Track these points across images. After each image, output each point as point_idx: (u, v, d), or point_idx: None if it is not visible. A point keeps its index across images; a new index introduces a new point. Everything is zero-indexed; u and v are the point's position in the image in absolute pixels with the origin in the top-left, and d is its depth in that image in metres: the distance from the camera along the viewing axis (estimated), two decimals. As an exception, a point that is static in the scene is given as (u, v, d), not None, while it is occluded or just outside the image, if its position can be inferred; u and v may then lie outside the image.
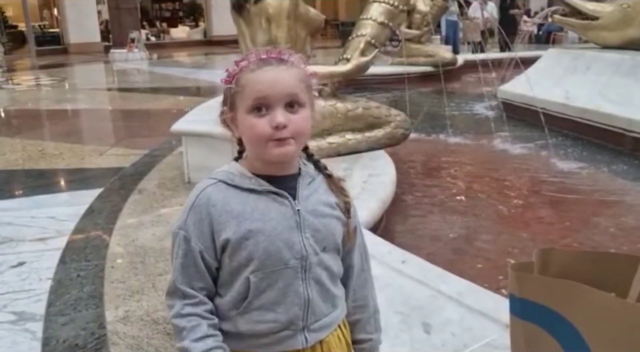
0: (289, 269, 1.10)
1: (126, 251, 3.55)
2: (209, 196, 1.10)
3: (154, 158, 5.75)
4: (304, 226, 1.11)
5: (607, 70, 5.29)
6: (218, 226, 1.08)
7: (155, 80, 13.25)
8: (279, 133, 1.05)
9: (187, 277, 1.11)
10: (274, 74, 1.08)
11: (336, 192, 1.17)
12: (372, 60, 3.91)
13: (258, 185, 1.10)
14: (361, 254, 1.24)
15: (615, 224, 3.16)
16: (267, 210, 1.09)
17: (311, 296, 1.11)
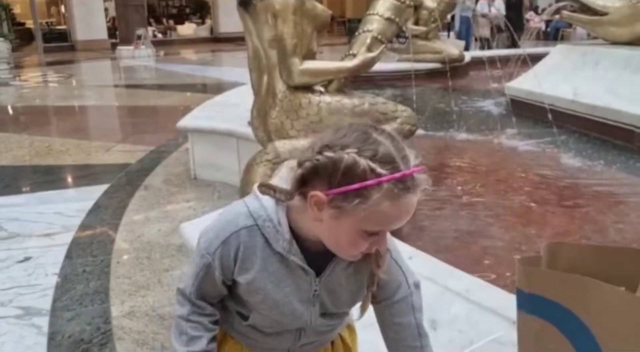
0: (285, 328, 1.15)
1: (132, 247, 3.56)
2: (241, 241, 1.05)
3: (160, 154, 5.77)
4: (315, 301, 1.11)
5: (616, 66, 5.24)
6: (240, 268, 1.06)
7: (161, 77, 13.28)
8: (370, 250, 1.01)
9: (201, 293, 1.12)
10: (409, 208, 0.95)
11: (373, 265, 1.09)
12: (379, 56, 3.88)
13: (288, 253, 1.04)
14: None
15: (624, 221, 3.13)
16: (286, 278, 1.07)
17: (303, 339, 1.17)
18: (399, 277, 1.19)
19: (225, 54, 18.31)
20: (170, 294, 2.93)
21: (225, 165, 4.64)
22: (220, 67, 14.69)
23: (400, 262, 1.19)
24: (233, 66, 13.58)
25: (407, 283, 1.20)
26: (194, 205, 4.26)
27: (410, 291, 1.20)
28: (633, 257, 1.05)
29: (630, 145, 4.48)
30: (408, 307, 1.20)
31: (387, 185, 0.91)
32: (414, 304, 1.21)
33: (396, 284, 1.18)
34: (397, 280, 1.19)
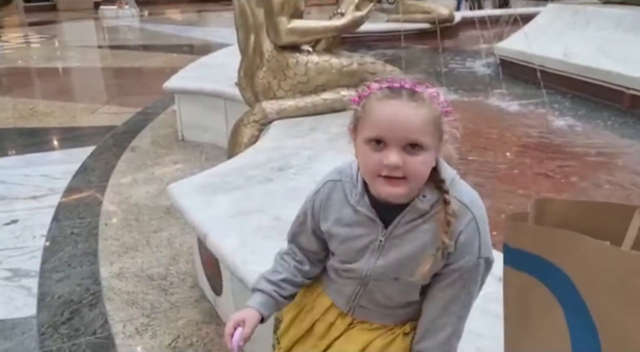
0: (351, 274, 1.21)
1: (120, 209, 3.54)
2: (326, 191, 1.21)
3: (146, 116, 5.70)
4: (380, 253, 1.16)
5: (607, 26, 5.19)
6: (322, 216, 1.21)
7: (147, 38, 13.02)
8: (389, 171, 1.04)
9: (294, 238, 1.30)
10: (398, 110, 1.03)
11: (441, 225, 1.10)
12: (368, 14, 3.82)
13: (358, 204, 1.15)
14: (454, 296, 1.18)
15: (610, 180, 3.15)
16: (357, 228, 1.16)
17: (361, 295, 1.23)
18: (473, 246, 1.13)
19: (212, 14, 17.95)
20: (159, 255, 2.93)
21: (212, 126, 4.60)
22: (207, 28, 14.41)
23: (482, 231, 1.14)
24: (220, 26, 13.33)
25: (478, 253, 1.14)
26: (182, 166, 4.23)
27: (478, 262, 1.14)
28: (618, 212, 1.05)
29: (620, 106, 4.47)
30: (469, 275, 1.15)
31: (378, 92, 1.06)
32: (477, 277, 1.16)
33: (467, 251, 1.12)
34: (470, 247, 1.12)
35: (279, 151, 3.00)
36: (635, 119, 4.21)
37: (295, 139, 3.20)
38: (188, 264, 2.82)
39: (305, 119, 3.55)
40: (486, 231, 1.16)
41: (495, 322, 1.43)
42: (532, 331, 1.12)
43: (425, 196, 1.11)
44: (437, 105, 1.06)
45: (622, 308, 0.96)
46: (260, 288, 1.29)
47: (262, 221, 2.17)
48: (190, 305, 2.50)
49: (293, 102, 3.58)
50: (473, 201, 1.15)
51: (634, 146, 3.74)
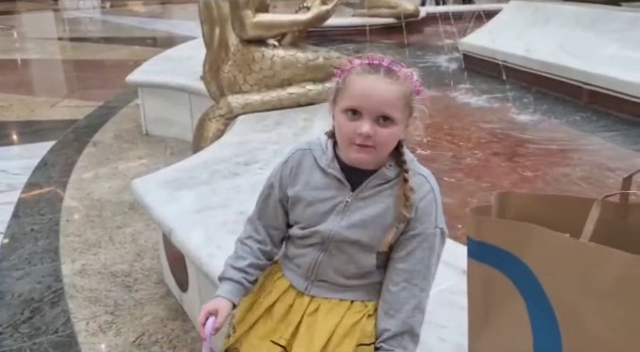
0: (314, 237, 1.27)
1: (82, 205, 3.47)
2: (295, 159, 1.29)
3: (109, 110, 5.60)
4: (344, 215, 1.23)
5: (567, 23, 5.31)
6: (292, 182, 1.28)
7: (108, 30, 12.75)
8: (362, 140, 1.14)
9: (261, 214, 1.35)
10: (375, 84, 1.14)
11: (400, 199, 1.20)
12: (333, 9, 3.82)
13: (329, 167, 1.24)
14: (415, 269, 1.24)
15: (570, 173, 3.23)
16: (325, 189, 1.24)
17: (321, 261, 1.27)
18: (431, 214, 1.22)
19: (176, 7, 17.68)
20: (123, 252, 2.89)
21: (177, 120, 4.54)
22: (171, 20, 14.19)
23: (438, 203, 1.24)
24: (184, 19, 13.15)
25: (435, 222, 1.23)
26: (146, 161, 4.17)
27: (435, 232, 1.23)
28: (577, 205, 1.08)
29: (579, 101, 4.59)
30: (427, 245, 1.23)
31: (358, 67, 1.16)
32: (434, 247, 1.23)
33: (426, 217, 1.22)
34: (429, 215, 1.22)
35: (244, 146, 2.98)
36: (593, 114, 4.33)
37: (261, 134, 3.19)
38: (153, 260, 2.79)
39: (271, 113, 3.54)
40: (441, 204, 1.26)
41: (458, 314, 1.46)
42: (494, 321, 1.15)
43: (391, 165, 1.22)
44: (409, 83, 1.17)
45: (581, 298, 0.99)
46: (228, 276, 1.32)
47: (227, 216, 2.16)
48: (155, 301, 2.47)
49: (259, 97, 3.56)
50: (429, 174, 1.28)
51: (592, 141, 3.85)
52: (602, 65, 4.50)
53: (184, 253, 2.07)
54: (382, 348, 1.24)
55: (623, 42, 4.65)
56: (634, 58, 4.41)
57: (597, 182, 3.09)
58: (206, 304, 1.28)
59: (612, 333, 0.96)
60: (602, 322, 0.97)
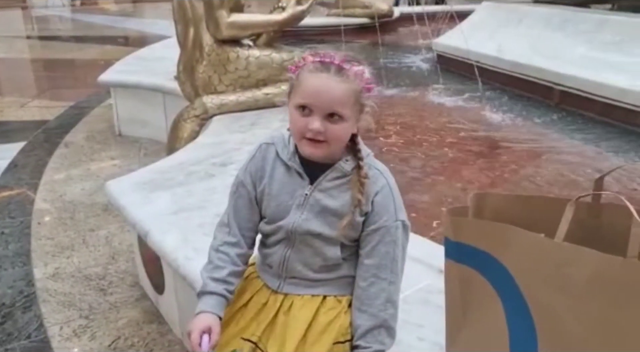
0: (279, 232, 1.29)
1: (54, 207, 3.41)
2: (261, 153, 1.32)
3: (80, 110, 5.51)
4: (304, 208, 1.26)
5: (538, 25, 5.40)
6: (260, 176, 1.30)
7: (79, 29, 12.54)
8: (313, 135, 1.18)
9: (236, 214, 1.34)
10: (324, 83, 1.17)
11: (354, 184, 1.23)
12: (309, 9, 3.83)
13: (291, 162, 1.27)
14: (381, 263, 1.26)
15: (542, 173, 3.29)
16: (287, 183, 1.28)
17: (290, 256, 1.30)
18: (389, 207, 1.24)
19: (149, 5, 17.46)
20: (97, 254, 2.85)
21: (151, 121, 4.49)
22: (143, 19, 14.02)
23: (395, 196, 1.26)
24: (157, 18, 12.99)
25: (395, 215, 1.25)
26: (119, 162, 4.11)
27: (396, 225, 1.25)
28: (552, 205, 1.10)
29: (550, 101, 4.68)
30: (390, 238, 1.25)
31: (311, 64, 1.19)
32: (397, 240, 1.25)
33: (384, 211, 1.24)
34: (386, 208, 1.24)
35: (220, 146, 2.96)
36: (564, 114, 4.41)
37: (237, 134, 3.17)
38: (128, 262, 2.75)
39: (246, 113, 3.52)
40: (399, 197, 1.28)
41: (435, 313, 1.48)
42: (471, 320, 1.17)
43: (347, 159, 1.26)
44: (359, 81, 1.20)
45: (555, 296, 1.01)
46: (210, 290, 1.30)
47: (203, 218, 2.14)
48: (130, 305, 2.44)
49: (234, 97, 3.55)
50: (386, 169, 1.30)
51: (563, 140, 3.92)
52: (572, 66, 4.59)
53: (160, 255, 2.05)
54: (359, 346, 1.25)
55: (592, 44, 4.75)
56: (602, 59, 4.50)
57: (569, 182, 3.15)
58: (195, 323, 1.25)
59: (587, 330, 0.98)
60: (576, 320, 0.99)
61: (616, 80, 4.15)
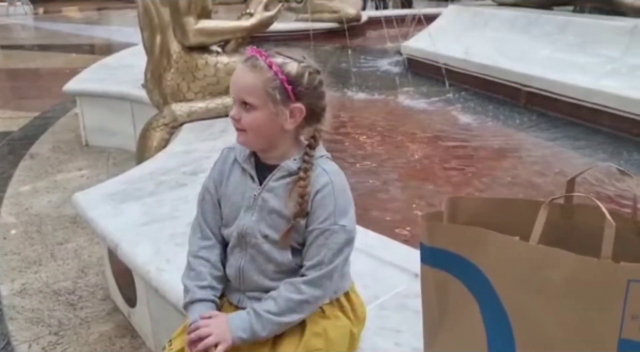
0: (233, 237, 1.31)
1: (19, 220, 3.32)
2: (222, 157, 1.37)
3: (46, 120, 5.39)
4: (254, 209, 1.28)
5: (503, 27, 5.49)
6: (220, 180, 1.34)
7: (43, 37, 12.28)
8: (234, 123, 1.25)
9: (204, 217, 1.35)
10: (238, 72, 1.24)
11: (295, 193, 1.24)
12: (277, 15, 3.81)
13: (246, 164, 1.31)
14: (309, 265, 1.24)
15: (513, 174, 3.33)
16: (241, 185, 1.31)
17: (244, 266, 1.30)
18: (327, 207, 1.23)
19: (114, 12, 17.24)
20: (66, 268, 2.78)
21: (119, 130, 4.42)
22: (109, 26, 13.82)
23: (338, 197, 1.24)
24: (123, 25, 12.82)
25: (334, 218, 1.22)
26: (87, 173, 4.03)
27: (333, 229, 1.22)
28: (525, 208, 1.11)
29: (517, 102, 4.75)
30: (323, 242, 1.22)
31: (243, 58, 1.25)
32: (331, 245, 1.22)
33: (322, 211, 1.23)
34: (325, 208, 1.23)
35: (190, 155, 2.92)
36: (532, 115, 4.48)
37: (207, 142, 3.13)
38: (98, 276, 2.69)
39: (216, 121, 3.48)
40: (345, 201, 1.26)
41: (413, 318, 1.47)
42: (449, 325, 1.16)
43: (296, 159, 1.27)
44: (269, 72, 1.20)
45: (531, 298, 1.01)
46: (200, 298, 1.29)
47: (175, 228, 2.10)
48: (102, 319, 2.38)
49: (203, 104, 3.51)
50: (334, 170, 1.28)
51: (533, 141, 3.98)
52: (537, 67, 4.67)
53: (131, 268, 2.00)
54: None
55: (556, 45, 4.84)
56: (567, 60, 4.60)
57: (537, 182, 3.19)
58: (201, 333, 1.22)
59: (563, 331, 0.99)
60: (552, 321, 1.00)
61: (581, 81, 4.24)
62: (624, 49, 4.30)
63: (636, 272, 0.93)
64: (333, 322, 1.30)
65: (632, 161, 3.48)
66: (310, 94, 1.24)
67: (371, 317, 1.56)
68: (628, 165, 3.37)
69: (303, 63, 1.24)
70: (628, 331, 0.95)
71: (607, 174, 2.92)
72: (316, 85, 1.25)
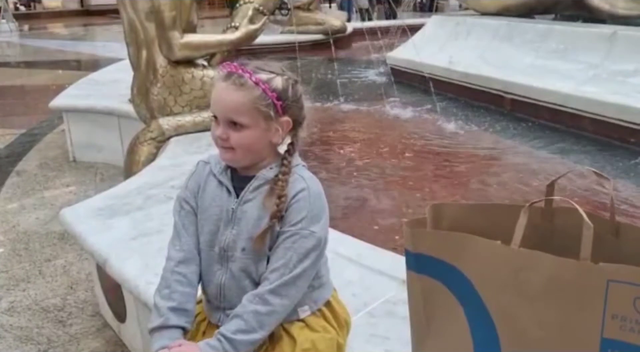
0: (213, 252, 1.29)
1: (7, 238, 3.30)
2: (198, 170, 1.35)
3: (32, 137, 5.37)
4: (234, 223, 1.26)
5: (486, 36, 5.57)
6: (196, 192, 1.32)
7: (28, 54, 12.25)
8: (221, 142, 1.22)
9: (187, 231, 1.31)
10: (221, 92, 1.20)
11: (272, 197, 1.23)
12: (262, 27, 3.84)
13: (222, 177, 1.29)
14: (273, 268, 1.22)
15: (497, 180, 3.37)
16: (217, 198, 1.29)
17: (225, 283, 1.28)
18: (301, 212, 1.22)
19: (99, 28, 17.23)
20: (54, 285, 2.76)
21: (106, 145, 4.41)
22: (95, 42, 13.81)
23: (313, 204, 1.23)
24: (108, 41, 12.82)
25: (306, 224, 1.21)
26: (75, 189, 4.01)
27: (303, 234, 1.21)
28: (506, 212, 1.13)
29: (501, 109, 4.81)
30: (290, 245, 1.21)
31: (219, 74, 1.22)
32: (298, 249, 1.20)
33: (294, 216, 1.22)
34: (298, 212, 1.22)
35: (178, 168, 2.93)
36: (515, 122, 4.54)
37: (195, 155, 3.14)
38: (87, 292, 2.68)
39: (203, 134, 3.49)
40: (319, 207, 1.25)
41: (401, 324, 1.49)
42: (436, 330, 1.18)
43: (272, 167, 1.27)
44: (257, 90, 1.19)
45: (514, 301, 1.03)
46: (172, 325, 1.24)
47: (164, 242, 2.06)
48: (91, 335, 2.37)
49: (190, 118, 3.52)
50: (310, 177, 1.28)
51: (516, 147, 4.03)
52: (520, 74, 4.74)
53: (121, 283, 2.00)
54: None
55: (538, 52, 4.91)
56: (548, 67, 4.67)
57: (522, 188, 3.23)
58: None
59: (545, 332, 1.01)
60: (535, 322, 1.02)
61: (563, 87, 4.31)
62: (604, 55, 4.38)
63: (615, 273, 0.96)
64: (321, 335, 1.30)
65: (614, 165, 3.54)
66: (294, 106, 1.25)
67: (361, 324, 1.58)
68: (610, 169, 3.42)
69: (285, 76, 1.24)
70: (609, 331, 0.97)
71: (591, 179, 2.96)
72: (299, 97, 1.26)
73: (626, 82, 4.07)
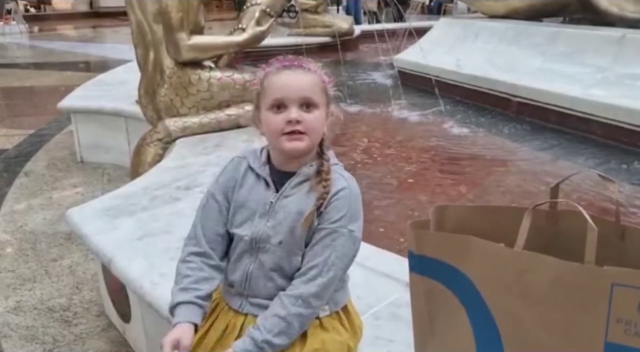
0: (243, 242, 1.30)
1: (14, 238, 3.32)
2: (233, 165, 1.36)
3: (41, 138, 5.40)
4: (269, 216, 1.28)
5: (493, 39, 5.55)
6: (230, 186, 1.33)
7: (38, 55, 12.32)
8: (292, 127, 1.22)
9: (203, 224, 1.34)
10: (292, 77, 1.25)
11: (313, 194, 1.25)
12: (269, 29, 3.85)
13: (261, 171, 1.32)
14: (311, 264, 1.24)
15: (504, 183, 3.35)
16: (255, 192, 1.31)
17: (252, 272, 1.30)
18: (341, 210, 1.24)
19: (108, 30, 17.33)
20: (60, 285, 2.78)
21: (114, 146, 4.43)
22: (103, 44, 13.89)
23: (352, 204, 1.26)
24: (117, 43, 12.88)
25: (344, 222, 1.24)
26: (82, 190, 4.03)
27: (342, 232, 1.23)
28: (510, 215, 1.12)
29: (508, 112, 4.79)
30: (328, 242, 1.23)
31: (274, 69, 1.27)
32: (337, 246, 1.23)
33: (334, 213, 1.24)
34: (338, 210, 1.24)
35: (184, 170, 2.94)
36: (522, 125, 4.52)
37: (201, 157, 3.15)
38: (93, 292, 2.69)
39: (210, 135, 3.50)
40: (357, 208, 1.28)
41: (405, 327, 1.48)
42: (439, 332, 1.17)
43: (312, 165, 1.29)
44: (320, 74, 1.30)
45: (517, 303, 1.03)
46: (178, 301, 1.28)
47: (170, 242, 2.11)
48: (96, 335, 2.38)
49: (197, 119, 3.53)
50: (351, 178, 1.32)
51: (522, 150, 4.01)
52: (527, 77, 4.72)
53: (125, 283, 2.01)
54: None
55: (546, 55, 4.89)
56: (556, 70, 4.64)
57: (529, 191, 3.21)
58: (166, 337, 1.22)
59: (549, 335, 1.00)
60: (538, 324, 1.01)
61: (570, 90, 4.29)
62: (612, 59, 4.35)
63: (620, 276, 0.95)
64: (332, 336, 1.30)
65: (621, 169, 3.52)
66: (331, 98, 1.31)
67: (365, 327, 1.57)
68: (618, 173, 3.40)
69: (324, 70, 1.31)
70: (613, 335, 0.96)
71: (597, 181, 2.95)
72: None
73: (635, 85, 4.05)
